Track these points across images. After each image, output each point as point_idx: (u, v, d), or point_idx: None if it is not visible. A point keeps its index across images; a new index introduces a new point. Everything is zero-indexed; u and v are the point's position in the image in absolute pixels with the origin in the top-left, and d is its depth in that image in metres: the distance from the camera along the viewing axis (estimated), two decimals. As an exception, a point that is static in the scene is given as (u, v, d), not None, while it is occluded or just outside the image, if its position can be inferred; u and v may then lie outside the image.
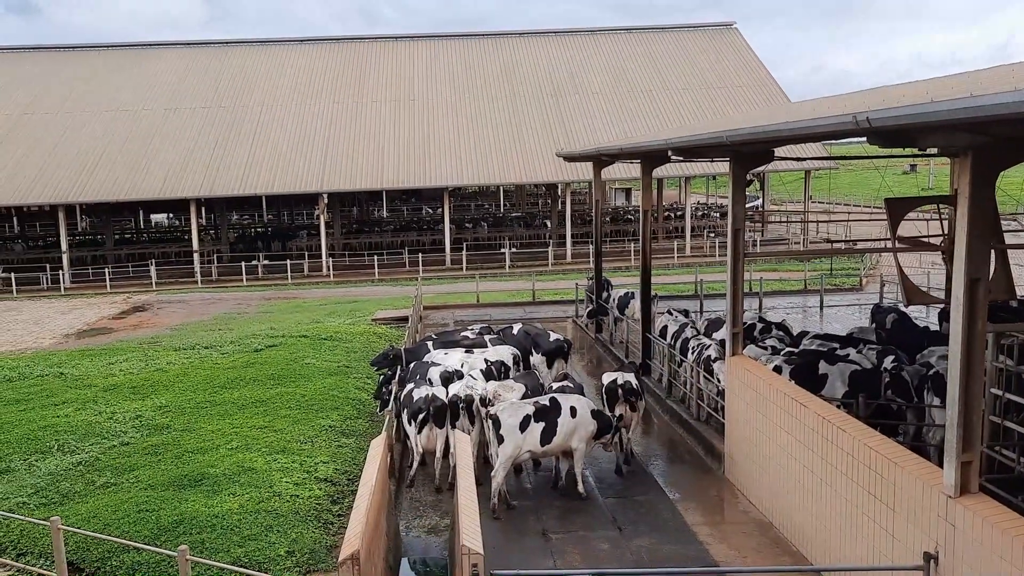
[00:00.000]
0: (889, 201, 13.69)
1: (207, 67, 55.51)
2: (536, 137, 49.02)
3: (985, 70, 11.44)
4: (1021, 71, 8.51)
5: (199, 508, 12.11)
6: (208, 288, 42.43)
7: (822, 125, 8.84)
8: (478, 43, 58.14)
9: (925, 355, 14.21)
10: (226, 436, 15.51)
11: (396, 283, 41.02)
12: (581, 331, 26.55)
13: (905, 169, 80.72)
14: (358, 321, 28.11)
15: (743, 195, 13.75)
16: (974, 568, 7.75)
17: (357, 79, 54.30)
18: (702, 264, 39.72)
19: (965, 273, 7.83)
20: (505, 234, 50.46)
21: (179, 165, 46.65)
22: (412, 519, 12.90)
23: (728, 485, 13.83)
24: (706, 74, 54.54)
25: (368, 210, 68.46)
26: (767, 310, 26.17)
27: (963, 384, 7.96)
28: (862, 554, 9.74)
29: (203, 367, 21.33)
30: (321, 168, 46.78)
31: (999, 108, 5.85)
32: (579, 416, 13.08)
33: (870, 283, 33.16)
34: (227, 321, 30.89)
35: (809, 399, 11.53)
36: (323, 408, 17.30)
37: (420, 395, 13.77)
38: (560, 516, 12.72)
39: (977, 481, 8.12)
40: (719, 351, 15.45)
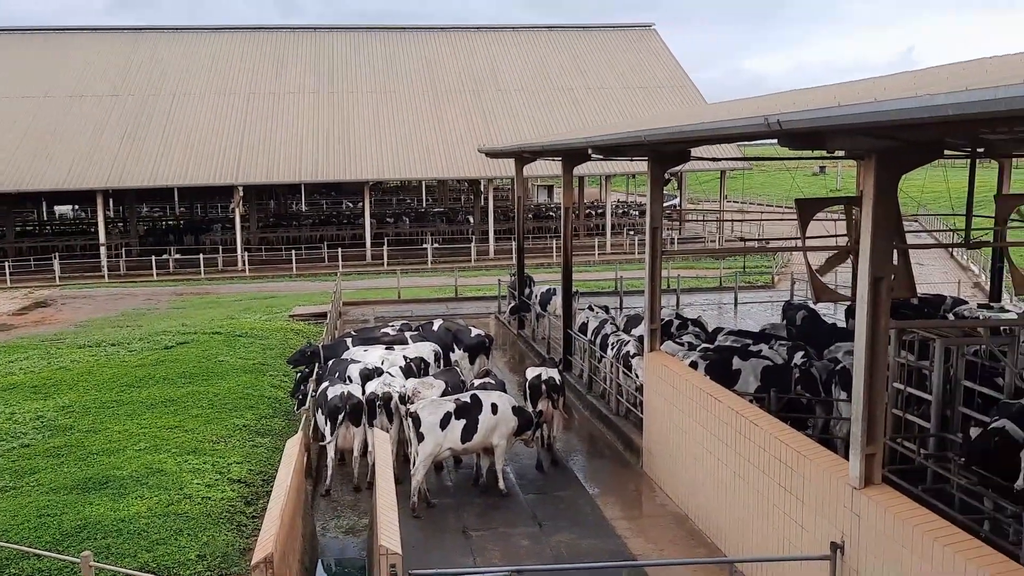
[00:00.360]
0: (799, 202, 14.07)
1: (116, 54, 53.45)
2: (458, 132, 48.86)
3: (889, 76, 11.88)
4: (923, 78, 8.86)
5: (104, 512, 11.66)
6: (116, 283, 40.92)
7: (736, 127, 9.04)
8: (399, 36, 57.59)
9: (832, 350, 14.72)
10: (134, 437, 14.98)
11: (315, 278, 40.34)
12: (504, 327, 26.60)
13: (815, 171, 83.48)
14: (275, 317, 27.53)
15: (661, 194, 13.98)
16: (877, 556, 8.04)
17: (274, 70, 53.12)
18: (622, 261, 40.26)
19: (869, 272, 8.12)
20: (427, 229, 50.16)
21: (85, 155, 44.83)
22: (329, 520, 12.70)
23: (646, 479, 14.05)
24: (626, 74, 55.28)
25: (286, 203, 67.09)
26: (684, 307, 26.72)
27: (867, 379, 8.25)
28: (774, 545, 10.01)
29: (109, 365, 20.56)
30: (236, 160, 45.62)
31: (901, 113, 6.07)
32: (500, 413, 13.08)
33: (782, 281, 34.17)
34: (136, 317, 29.85)
35: (723, 394, 11.79)
36: (237, 407, 16.87)
37: (336, 393, 13.55)
38: (481, 513, 12.71)
39: (880, 472, 8.43)
40: (638, 347, 15.68)
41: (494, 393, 13.56)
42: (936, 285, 28.06)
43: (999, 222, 13.23)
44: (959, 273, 34.20)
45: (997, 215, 13.22)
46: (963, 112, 5.41)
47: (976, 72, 7.63)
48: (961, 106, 5.37)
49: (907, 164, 8.02)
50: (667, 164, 13.99)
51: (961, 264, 37.03)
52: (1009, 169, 17.48)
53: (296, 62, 53.94)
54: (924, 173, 14.27)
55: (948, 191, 19.83)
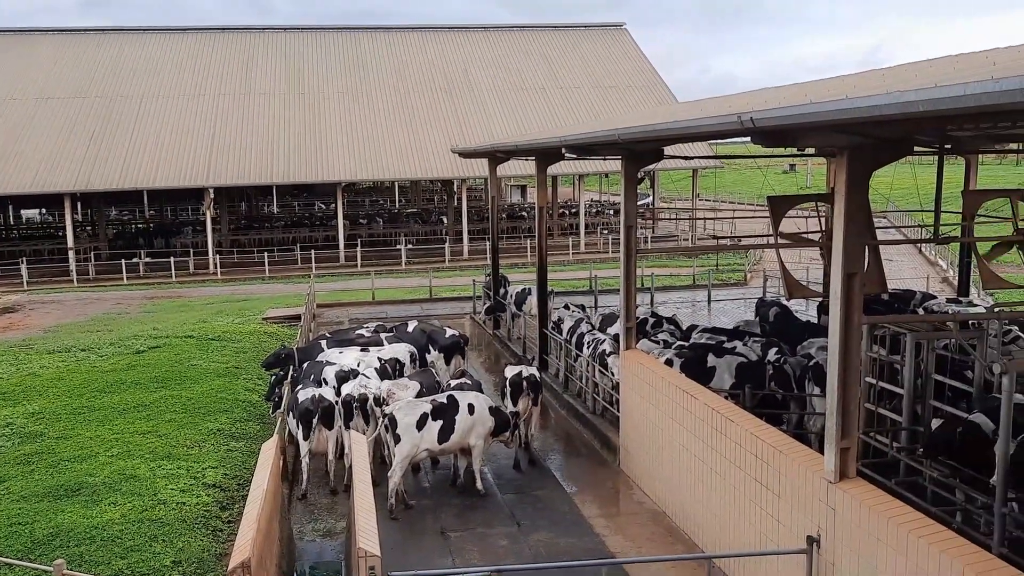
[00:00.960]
0: (772, 199, 14.20)
1: (83, 56, 52.72)
2: (431, 133, 48.74)
3: (859, 74, 12.03)
4: (892, 75, 8.98)
5: (77, 519, 11.50)
6: (85, 288, 40.35)
7: (709, 125, 9.10)
8: (370, 37, 57.33)
9: (805, 346, 14.85)
10: (106, 443, 14.78)
11: (288, 281, 40.05)
12: (479, 327, 26.57)
13: (785, 169, 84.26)
14: (248, 320, 27.30)
15: (635, 192, 14.04)
16: (853, 549, 8.13)
17: (244, 70, 52.66)
18: (596, 260, 40.40)
19: (842, 268, 8.21)
20: (401, 230, 49.98)
21: (52, 158, 44.15)
22: (306, 523, 12.61)
23: (623, 477, 14.10)
24: (598, 74, 55.45)
25: (257, 205, 66.55)
26: (658, 305, 26.84)
27: (841, 374, 8.34)
28: (751, 540, 10.09)
29: (80, 371, 20.27)
30: (207, 162, 45.18)
31: (872, 110, 6.15)
32: (477, 413, 13.07)
33: (754, 278, 34.46)
34: (106, 322, 29.45)
35: (699, 391, 11.86)
36: (211, 411, 16.71)
37: (307, 396, 13.44)
38: (459, 514, 12.69)
39: (855, 466, 8.52)
40: (613, 346, 15.73)
41: (471, 393, 13.53)
42: (905, 280, 28.46)
43: (966, 217, 13.42)
44: (928, 268, 34.71)
45: (964, 211, 13.41)
46: (933, 108, 5.48)
47: (944, 70, 7.74)
48: (931, 102, 5.45)
49: (878, 161, 8.11)
50: (641, 163, 14.05)
51: (929, 259, 37.57)
52: (976, 165, 17.74)
53: (266, 63, 53.52)
54: (893, 170, 14.47)
55: (916, 187, 20.12)
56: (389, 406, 13.34)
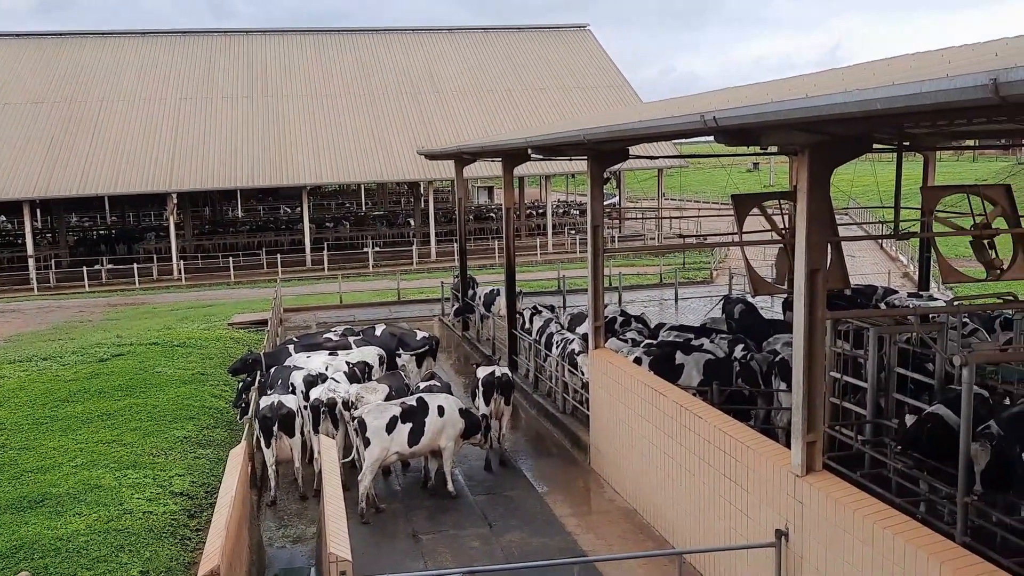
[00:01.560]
0: (736, 197, 14.34)
1: (40, 60, 51.76)
2: (397, 135, 48.58)
3: (819, 73, 12.21)
4: (851, 74, 9.12)
5: (41, 531, 11.29)
6: (46, 296, 39.65)
7: (674, 124, 9.19)
8: (334, 39, 56.99)
9: (771, 342, 15.02)
10: (70, 453, 14.53)
11: (254, 285, 39.67)
12: (448, 329, 26.53)
13: (748, 167, 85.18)
14: (214, 326, 27.00)
15: (601, 192, 14.11)
16: (821, 541, 8.25)
17: (206, 74, 52.06)
18: (564, 260, 40.52)
19: (805, 264, 8.32)
20: (368, 233, 49.73)
21: (9, 164, 43.32)
22: (276, 530, 12.50)
23: (594, 475, 14.16)
24: (563, 75, 55.63)
25: (222, 210, 65.83)
26: (626, 303, 26.97)
27: (806, 368, 8.45)
28: (721, 535, 10.19)
29: (42, 380, 19.91)
30: (169, 166, 44.62)
31: (832, 108, 6.25)
32: (447, 415, 13.03)
33: (720, 275, 34.78)
34: (68, 330, 28.95)
35: (668, 388, 11.95)
36: (177, 418, 16.50)
37: (266, 403, 13.29)
38: (430, 516, 12.66)
39: (821, 460, 8.64)
40: (582, 345, 15.79)
41: (441, 395, 13.50)
42: (867, 276, 28.89)
43: (925, 213, 13.66)
44: (889, 264, 35.26)
45: (923, 206, 13.65)
46: (890, 106, 5.58)
47: (902, 68, 7.89)
48: (889, 100, 5.55)
49: (838, 158, 8.24)
50: (606, 163, 14.13)
51: (890, 255, 38.19)
52: (934, 162, 18.08)
53: (228, 67, 52.96)
54: (853, 167, 14.69)
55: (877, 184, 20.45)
56: (358, 410, 13.27)
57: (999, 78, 4.61)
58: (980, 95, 4.77)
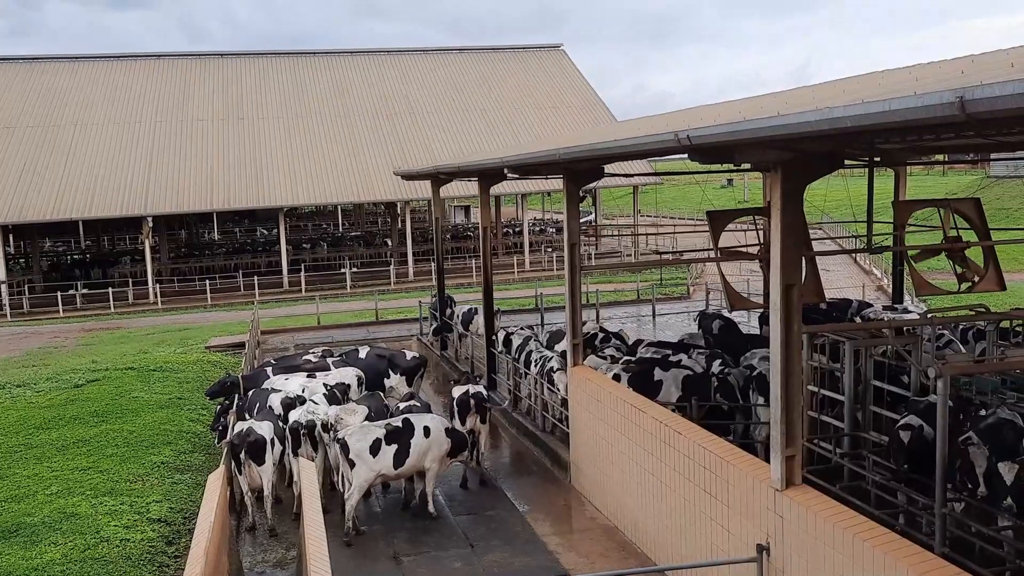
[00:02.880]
0: (711, 214, 14.49)
1: (11, 84, 51.36)
2: (373, 155, 48.61)
3: (789, 91, 12.39)
4: (821, 92, 9.27)
5: (16, 561, 11.10)
6: (19, 322, 39.14)
7: (648, 143, 9.28)
8: (308, 61, 57.06)
9: (748, 357, 15.10)
10: (44, 481, 14.31)
11: (231, 308, 39.38)
12: (427, 348, 26.45)
13: (723, 184, 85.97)
14: (190, 349, 26.76)
15: (577, 210, 14.19)
16: (802, 555, 8.28)
17: (181, 97, 51.89)
18: (541, 278, 40.64)
19: (781, 279, 8.40)
20: (345, 254, 49.60)
21: (-19, 189, 42.88)
22: (257, 554, 12.36)
23: (575, 493, 14.14)
24: (537, 94, 56.00)
25: (198, 233, 65.43)
26: (604, 320, 27.05)
27: (784, 382, 8.52)
28: (702, 550, 10.20)
29: (15, 408, 19.62)
30: (144, 190, 44.34)
31: (803, 126, 6.35)
32: (433, 435, 12.95)
33: (697, 291, 34.98)
34: (42, 356, 28.57)
35: (647, 405, 11.99)
36: (154, 444, 16.32)
37: (237, 430, 13.03)
38: (411, 538, 12.57)
39: (800, 473, 8.70)
40: (561, 362, 15.80)
41: (427, 416, 13.42)
42: (842, 290, 29.20)
43: (898, 227, 13.86)
44: (862, 277, 35.66)
45: (896, 220, 13.86)
46: (860, 124, 5.69)
47: (869, 86, 8.03)
48: (858, 118, 5.65)
49: (811, 174, 8.35)
50: (582, 181, 14.22)
51: (864, 268, 38.63)
52: (904, 177, 18.36)
53: (203, 89, 52.84)
54: (826, 183, 14.89)
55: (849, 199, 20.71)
56: (338, 432, 13.19)
57: (965, 96, 4.72)
58: (947, 112, 4.87)
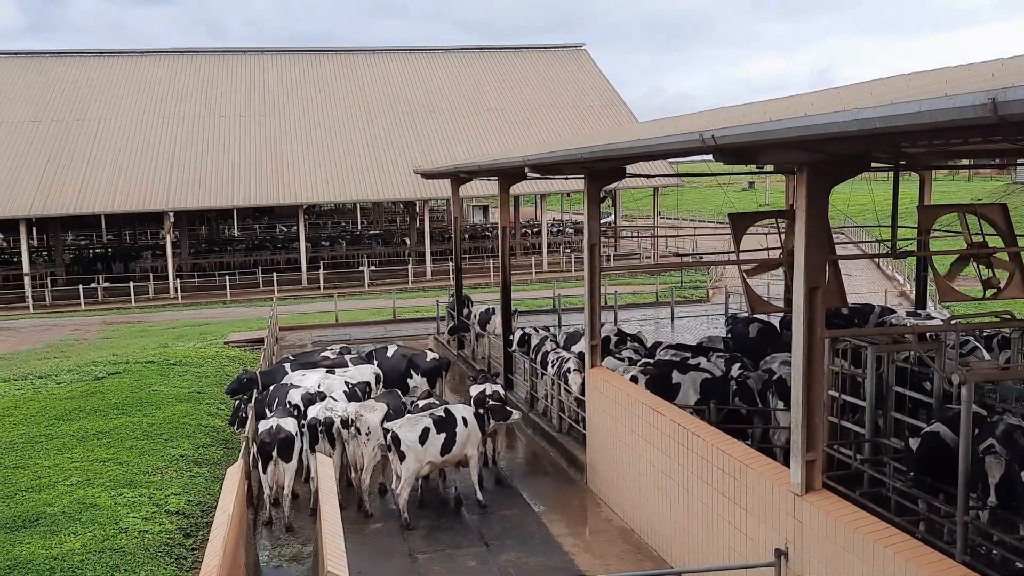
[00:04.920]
0: (732, 216, 14.39)
1: (39, 79, 51.89)
2: (392, 154, 48.71)
3: (815, 92, 12.28)
4: (848, 94, 9.19)
5: (35, 550, 11.19)
6: (42, 314, 39.55)
7: (672, 143, 9.23)
8: (331, 59, 57.28)
9: (768, 361, 14.99)
10: (65, 472, 14.43)
11: (250, 304, 39.59)
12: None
13: (744, 186, 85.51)
14: (209, 344, 26.92)
15: (597, 211, 14.14)
16: (821, 560, 8.21)
17: (204, 93, 52.24)
18: (559, 279, 40.56)
19: (804, 283, 8.33)
20: (363, 252, 49.74)
21: (7, 182, 43.35)
22: (273, 548, 12.42)
23: (591, 495, 14.10)
24: (558, 94, 55.92)
25: (218, 228, 65.85)
26: (622, 322, 26.96)
27: (805, 387, 8.45)
28: (719, 554, 10.14)
29: (37, 398, 19.81)
30: (166, 185, 44.67)
31: (831, 127, 6.28)
32: (471, 424, 13.40)
33: (716, 294, 34.81)
34: (64, 348, 28.85)
35: (665, 407, 11.93)
36: (173, 437, 16.41)
37: (264, 428, 13.15)
38: (427, 535, 12.59)
39: (821, 478, 8.62)
40: (577, 363, 15.76)
41: (460, 407, 13.84)
42: (864, 295, 28.94)
43: (922, 232, 13.72)
44: (885, 283, 35.35)
45: (920, 225, 13.72)
46: (889, 125, 5.62)
47: (897, 88, 7.94)
48: (887, 119, 5.58)
49: (836, 177, 8.28)
50: (603, 181, 14.18)
51: (887, 274, 38.29)
52: (930, 181, 18.17)
53: (226, 86, 53.16)
54: (850, 186, 14.77)
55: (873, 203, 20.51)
56: (358, 427, 13.30)
57: (997, 97, 4.65)
58: (978, 114, 4.81)
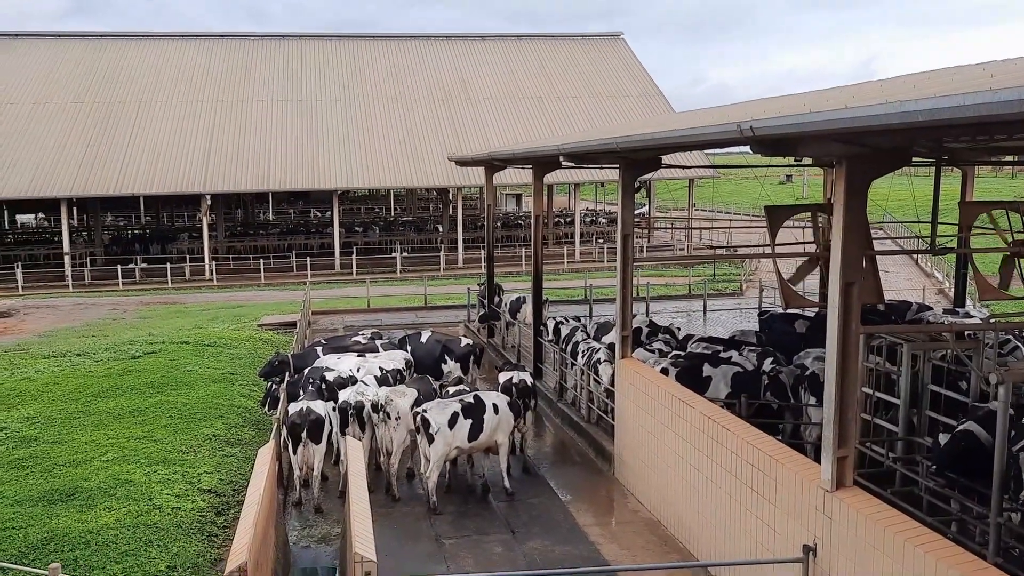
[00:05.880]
0: (769, 208, 14.28)
1: (80, 60, 52.69)
2: (427, 141, 48.83)
3: (856, 85, 12.07)
4: (890, 86, 9.02)
5: (72, 524, 11.44)
6: (81, 293, 40.26)
7: (709, 134, 9.14)
8: (367, 45, 57.45)
9: (801, 356, 14.85)
10: (101, 448, 14.73)
11: (283, 287, 40.01)
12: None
13: (781, 179, 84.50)
14: (243, 326, 27.25)
15: (632, 201, 14.07)
16: (850, 558, 8.14)
17: (242, 77, 52.71)
18: (591, 269, 40.48)
19: (840, 277, 8.23)
20: (396, 238, 49.99)
21: (49, 162, 44.13)
22: (302, 529, 12.58)
23: (618, 485, 14.09)
24: (595, 83, 55.61)
25: (254, 212, 66.54)
26: (654, 314, 26.86)
27: (839, 382, 8.35)
28: (746, 548, 10.09)
29: (75, 375, 20.21)
30: (204, 168, 45.20)
31: (873, 120, 6.18)
32: (502, 411, 13.45)
33: (750, 288, 34.51)
34: (101, 327, 29.37)
35: (695, 400, 11.87)
36: (206, 417, 16.67)
37: (295, 409, 13.32)
38: (453, 521, 12.67)
39: (852, 475, 8.53)
40: (608, 354, 15.74)
41: (492, 393, 13.93)
42: (901, 291, 28.54)
43: (963, 229, 13.49)
44: (923, 279, 34.81)
45: (961, 222, 13.49)
46: (933, 119, 5.52)
47: (941, 81, 7.78)
48: (931, 112, 5.48)
49: (876, 170, 8.15)
50: (638, 172, 14.09)
51: (925, 271, 37.68)
52: (972, 177, 17.84)
53: (264, 70, 53.57)
54: (889, 181, 14.53)
55: (913, 199, 20.19)
56: (388, 412, 13.41)
57: (1045, 91, 4.55)
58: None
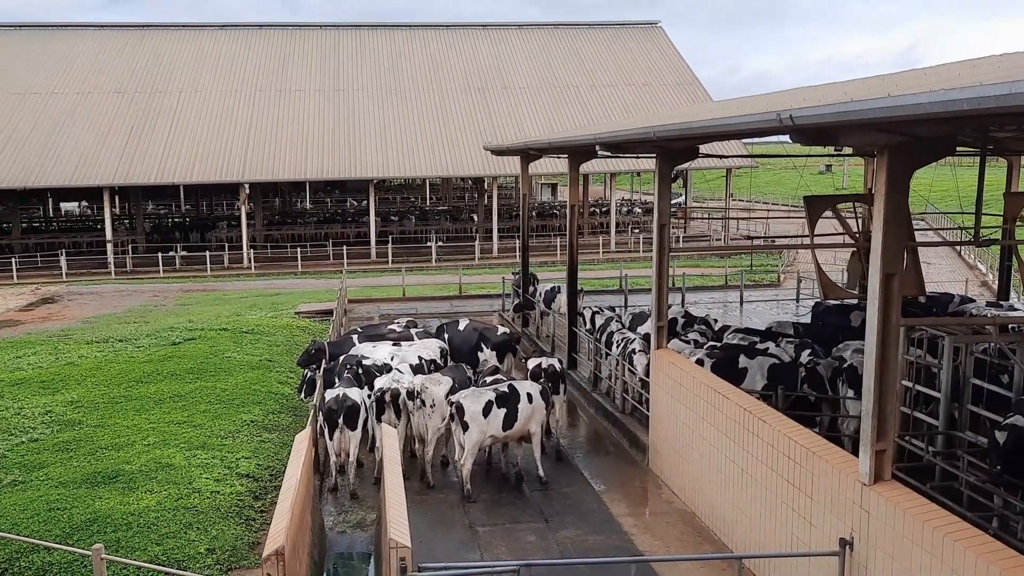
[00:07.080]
0: (808, 199, 14.10)
1: (123, 50, 53.55)
2: (463, 130, 48.87)
3: (899, 73, 11.86)
4: (933, 75, 8.85)
5: (114, 506, 11.70)
6: (123, 280, 41.01)
7: (748, 123, 9.04)
8: (404, 34, 57.61)
9: (840, 349, 14.67)
10: (142, 432, 15.02)
11: (320, 276, 40.37)
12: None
13: (821, 169, 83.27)
14: (281, 314, 27.57)
15: (668, 191, 13.96)
16: (887, 552, 8.04)
17: (281, 67, 53.17)
18: (626, 260, 40.27)
19: (881, 269, 8.10)
20: (431, 228, 50.16)
21: (92, 151, 44.95)
22: (338, 515, 12.73)
23: (652, 476, 14.05)
24: (632, 72, 55.22)
25: (291, 201, 67.18)
26: (689, 305, 26.67)
27: (878, 375, 8.24)
28: (781, 541, 10.02)
29: (117, 361, 20.61)
30: (243, 157, 45.71)
31: (915, 108, 6.07)
32: (535, 401, 13.52)
33: (788, 279, 34.12)
34: (143, 314, 29.91)
35: (731, 391, 11.79)
36: (244, 403, 16.91)
37: (331, 396, 13.45)
38: (487, 509, 12.73)
39: (890, 469, 8.43)
40: (643, 344, 15.68)
41: (526, 383, 13.98)
42: (943, 284, 28.04)
43: (1007, 220, 13.21)
44: (966, 272, 34.15)
45: (1006, 213, 13.21)
46: (978, 107, 5.41)
47: (987, 70, 7.62)
48: (976, 100, 5.37)
49: (919, 160, 8.00)
50: (675, 161, 13.97)
51: (968, 263, 36.97)
52: (1018, 167, 17.43)
53: (302, 60, 53.98)
54: (932, 171, 14.28)
55: (957, 189, 19.79)
56: (423, 399, 13.51)
57: (1096, 79, 4.43)
58: (1075, 96, 4.59)
